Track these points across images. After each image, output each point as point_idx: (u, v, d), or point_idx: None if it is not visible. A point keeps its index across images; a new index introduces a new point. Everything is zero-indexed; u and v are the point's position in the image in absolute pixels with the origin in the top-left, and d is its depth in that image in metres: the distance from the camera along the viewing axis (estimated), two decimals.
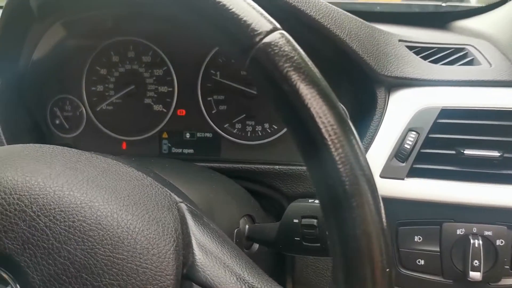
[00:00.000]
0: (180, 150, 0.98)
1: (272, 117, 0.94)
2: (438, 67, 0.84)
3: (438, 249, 0.75)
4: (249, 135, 0.95)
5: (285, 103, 0.38)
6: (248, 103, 0.94)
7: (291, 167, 0.83)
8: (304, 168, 0.82)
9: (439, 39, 0.92)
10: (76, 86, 1.01)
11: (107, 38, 0.99)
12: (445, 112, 0.77)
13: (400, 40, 0.87)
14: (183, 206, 0.51)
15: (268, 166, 0.84)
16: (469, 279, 0.73)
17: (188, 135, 0.98)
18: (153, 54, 0.98)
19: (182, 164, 0.83)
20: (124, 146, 1.00)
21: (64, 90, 1.02)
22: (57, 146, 0.52)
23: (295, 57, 0.38)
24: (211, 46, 0.94)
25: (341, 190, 0.36)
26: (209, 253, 0.47)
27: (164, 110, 0.98)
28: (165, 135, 0.99)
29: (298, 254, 0.68)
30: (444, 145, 0.76)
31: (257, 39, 0.38)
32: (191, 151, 0.98)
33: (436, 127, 0.76)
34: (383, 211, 0.37)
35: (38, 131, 1.02)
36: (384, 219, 0.37)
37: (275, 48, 0.38)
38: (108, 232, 0.42)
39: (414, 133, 0.77)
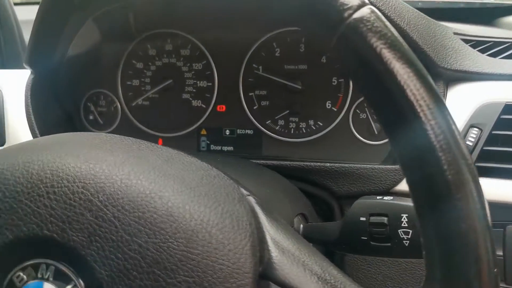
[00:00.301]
0: (219, 148, 0.94)
1: (317, 113, 0.89)
2: (497, 60, 0.79)
3: (501, 253, 0.70)
4: (292, 132, 0.91)
5: (378, 83, 0.34)
6: (292, 98, 0.90)
7: (343, 164, 0.78)
8: (358, 166, 0.78)
9: (492, 33, 0.88)
10: (111, 80, 0.97)
11: (144, 31, 0.95)
12: (510, 108, 0.72)
13: (455, 33, 0.82)
14: (252, 199, 0.46)
15: (319, 164, 0.80)
16: None
17: (227, 132, 0.94)
18: (192, 47, 0.94)
19: (233, 158, 0.80)
20: (160, 142, 0.96)
21: (99, 84, 0.98)
22: (114, 135, 0.48)
23: (388, 34, 0.34)
24: (254, 39, 0.91)
25: (442, 180, 0.32)
26: (286, 251, 0.42)
27: (203, 106, 0.95)
28: (203, 132, 0.95)
29: (364, 254, 0.63)
30: (509, 142, 0.71)
31: (346, 14, 0.35)
32: (230, 148, 0.94)
33: (500, 123, 0.72)
34: (487, 204, 0.33)
35: (71, 127, 0.98)
36: (488, 213, 0.33)
37: (367, 24, 0.34)
38: (181, 225, 0.38)
39: (476, 129, 0.72)
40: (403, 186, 0.75)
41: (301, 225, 0.65)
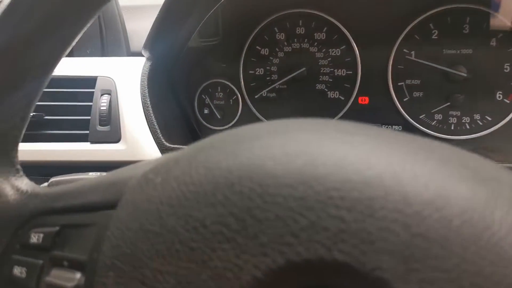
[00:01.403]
0: None
1: (484, 106, 0.75)
2: None
3: None
4: (452, 128, 0.77)
5: None
6: (452, 88, 0.76)
7: None
8: None
9: None
10: (231, 69, 0.86)
11: (272, 12, 0.83)
12: None
13: None
14: None
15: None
16: None
17: None
18: (329, 30, 0.81)
19: None
20: None
21: (217, 74, 0.87)
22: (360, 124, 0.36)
23: None
24: (406, 20, 0.77)
25: None
26: None
27: (342, 98, 0.82)
28: None
29: None
30: None
31: None
32: None
33: None
34: None
35: (186, 121, 0.87)
36: None
37: None
38: None
39: None
40: None
41: None
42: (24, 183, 0.40)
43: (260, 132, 0.32)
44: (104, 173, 0.57)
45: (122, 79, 0.80)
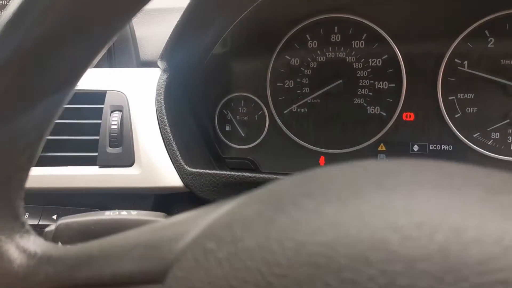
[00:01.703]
0: None
1: None
2: None
3: None
4: (511, 148, 0.68)
5: None
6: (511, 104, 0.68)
7: None
8: None
9: None
10: (257, 81, 0.77)
11: (303, 18, 0.74)
12: None
13: None
14: None
15: None
16: None
17: (416, 148, 0.71)
18: (369, 37, 0.72)
19: None
20: (322, 161, 0.75)
21: (240, 86, 0.78)
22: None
23: None
24: (459, 27, 0.68)
25: None
26: None
27: (383, 114, 0.73)
28: (382, 148, 0.73)
29: None
30: None
31: None
32: None
33: None
34: None
35: (205, 140, 0.78)
36: None
37: None
38: None
39: None
40: None
41: None
42: (32, 242, 0.30)
43: (363, 183, 0.23)
44: (124, 212, 0.47)
45: (135, 93, 0.70)
